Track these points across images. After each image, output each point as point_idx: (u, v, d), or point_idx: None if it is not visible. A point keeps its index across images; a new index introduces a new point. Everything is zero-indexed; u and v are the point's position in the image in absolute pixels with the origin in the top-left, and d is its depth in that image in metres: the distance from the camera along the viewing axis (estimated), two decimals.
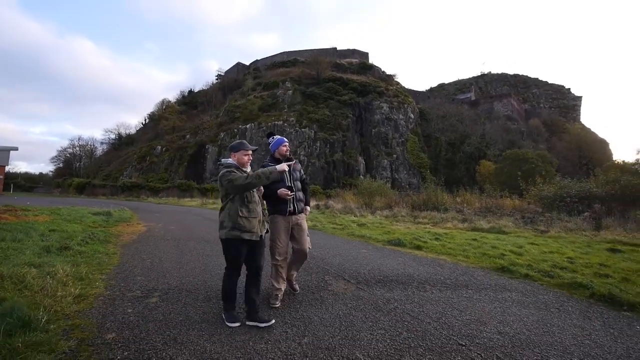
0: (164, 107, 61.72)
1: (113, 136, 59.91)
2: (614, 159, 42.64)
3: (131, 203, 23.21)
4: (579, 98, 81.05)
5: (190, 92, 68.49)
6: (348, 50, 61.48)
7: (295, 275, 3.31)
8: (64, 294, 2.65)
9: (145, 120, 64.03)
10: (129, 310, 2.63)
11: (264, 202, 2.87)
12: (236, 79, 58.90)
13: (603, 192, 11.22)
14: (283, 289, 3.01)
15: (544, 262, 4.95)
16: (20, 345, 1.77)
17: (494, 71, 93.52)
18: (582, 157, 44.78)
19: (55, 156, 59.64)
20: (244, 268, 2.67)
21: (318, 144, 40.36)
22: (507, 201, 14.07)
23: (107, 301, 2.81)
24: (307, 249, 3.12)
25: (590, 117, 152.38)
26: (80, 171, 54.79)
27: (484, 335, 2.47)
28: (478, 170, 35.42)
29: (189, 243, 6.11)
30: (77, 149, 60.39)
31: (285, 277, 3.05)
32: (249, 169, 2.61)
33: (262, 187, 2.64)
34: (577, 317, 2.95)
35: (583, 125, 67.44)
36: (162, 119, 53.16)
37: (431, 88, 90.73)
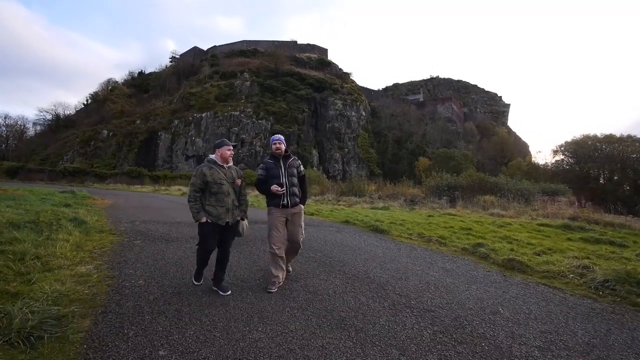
0: (109, 88, 57.95)
1: (49, 117, 55.51)
2: (532, 159, 51.09)
3: (77, 189, 23.62)
4: (508, 105, 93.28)
5: (141, 73, 65.08)
6: (308, 45, 62.75)
7: (291, 261, 3.58)
8: (90, 219, 5.29)
9: (87, 100, 59.14)
10: (126, 224, 5.53)
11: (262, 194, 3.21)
12: (192, 64, 57.44)
13: (465, 184, 15.79)
14: (281, 277, 3.12)
15: (375, 219, 8.46)
16: (87, 227, 4.50)
17: (442, 75, 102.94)
18: (504, 156, 52.90)
19: None
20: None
21: None
22: (409, 189, 18.36)
23: (113, 222, 5.65)
24: (300, 240, 3.33)
25: (518, 123, 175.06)
26: (8, 154, 49.86)
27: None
28: (417, 166, 39.71)
29: (149, 209, 8.72)
30: (4, 129, 54.50)
31: (283, 267, 3.18)
32: (230, 163, 3.02)
33: (238, 180, 3.02)
34: (352, 234, 6.34)
35: (510, 129, 78.07)
36: (108, 101, 50.46)
37: (386, 87, 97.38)
